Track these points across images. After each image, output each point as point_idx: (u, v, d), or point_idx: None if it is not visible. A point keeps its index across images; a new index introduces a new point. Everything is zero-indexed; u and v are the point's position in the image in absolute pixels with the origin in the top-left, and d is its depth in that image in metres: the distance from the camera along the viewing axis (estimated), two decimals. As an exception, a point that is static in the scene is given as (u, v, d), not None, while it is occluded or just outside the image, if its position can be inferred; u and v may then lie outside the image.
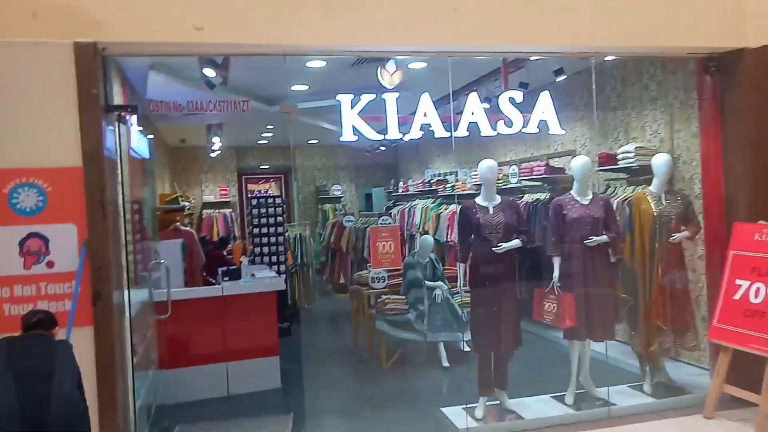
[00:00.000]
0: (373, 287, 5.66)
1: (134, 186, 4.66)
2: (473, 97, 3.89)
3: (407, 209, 9.31)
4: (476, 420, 3.78)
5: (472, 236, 3.92)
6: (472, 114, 3.86)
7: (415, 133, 3.81)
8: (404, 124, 3.80)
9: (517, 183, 6.78)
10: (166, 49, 3.65)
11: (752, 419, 3.59)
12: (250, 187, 12.09)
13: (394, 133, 3.81)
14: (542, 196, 6.26)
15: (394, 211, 9.52)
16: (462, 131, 3.89)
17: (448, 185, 8.63)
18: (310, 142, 11.13)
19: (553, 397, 4.11)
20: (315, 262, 9.09)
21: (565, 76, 5.22)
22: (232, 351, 4.60)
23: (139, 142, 4.69)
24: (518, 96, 3.94)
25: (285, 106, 4.80)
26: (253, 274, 5.21)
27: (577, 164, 4.12)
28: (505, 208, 3.90)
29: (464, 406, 3.90)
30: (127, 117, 3.73)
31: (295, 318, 7.28)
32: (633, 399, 4.08)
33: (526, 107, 3.99)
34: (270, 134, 10.22)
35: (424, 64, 5.23)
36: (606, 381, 4.41)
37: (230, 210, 10.75)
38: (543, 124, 4.01)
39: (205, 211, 10.57)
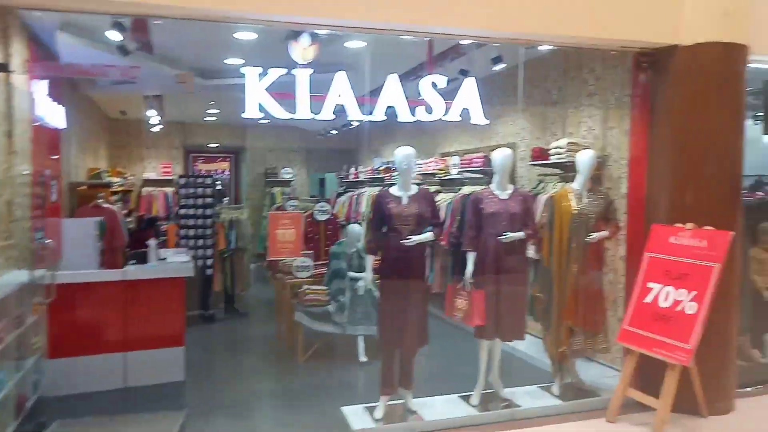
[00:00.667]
0: (296, 276, 5.45)
1: (40, 157, 4.32)
2: (392, 80, 3.66)
3: (355, 197, 9.10)
4: (375, 420, 3.60)
5: (384, 227, 3.72)
6: (392, 97, 3.63)
7: (328, 114, 3.56)
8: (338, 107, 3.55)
9: (457, 174, 6.64)
10: (72, 4, 3.28)
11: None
12: (203, 166, 11.66)
13: (304, 113, 3.55)
14: (480, 188, 6.10)
15: (343, 198, 9.29)
16: (379, 115, 3.66)
17: (394, 174, 8.45)
18: (261, 121, 10.75)
19: (460, 396, 3.97)
20: (259, 247, 8.81)
21: (503, 65, 5.04)
22: (132, 340, 4.30)
23: (50, 110, 4.32)
24: (441, 81, 3.72)
25: (182, 75, 4.49)
26: (164, 258, 4.90)
27: (498, 157, 3.94)
28: (420, 199, 3.70)
29: (366, 405, 3.73)
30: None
31: (229, 305, 7.02)
32: (540, 400, 3.97)
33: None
34: (217, 110, 9.82)
35: (363, 43, 5.00)
36: (522, 380, 4.33)
37: (173, 189, 10.33)
38: (465, 113, 3.81)
39: (145, 189, 10.12)
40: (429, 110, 3.72)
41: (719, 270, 3.50)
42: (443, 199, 6.15)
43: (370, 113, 3.66)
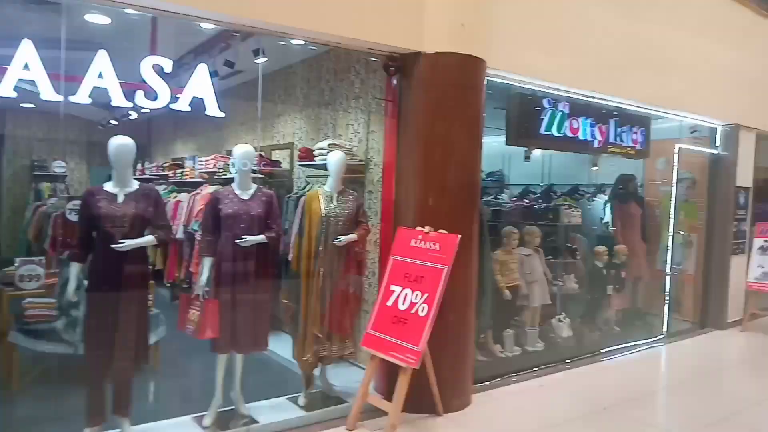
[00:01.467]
0: (21, 287, 4.54)
1: None
2: (101, 56, 3.13)
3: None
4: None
5: (95, 230, 3.17)
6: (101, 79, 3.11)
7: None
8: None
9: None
10: None
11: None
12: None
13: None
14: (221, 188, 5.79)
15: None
16: (83, 98, 3.11)
17: (179, 171, 7.77)
18: (23, 105, 9.16)
19: (194, 418, 3.57)
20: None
21: (265, 59, 4.77)
22: None
23: None
24: (167, 64, 3.28)
25: None
26: None
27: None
28: (139, 198, 3.23)
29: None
30: None
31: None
32: (284, 413, 3.76)
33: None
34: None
35: (107, 19, 4.34)
36: (280, 390, 4.09)
37: None
38: (198, 103, 3.43)
39: None
40: (153, 96, 3.28)
41: (448, 272, 3.61)
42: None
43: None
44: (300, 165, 5.17)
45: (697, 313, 7.00)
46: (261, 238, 3.56)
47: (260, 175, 5.98)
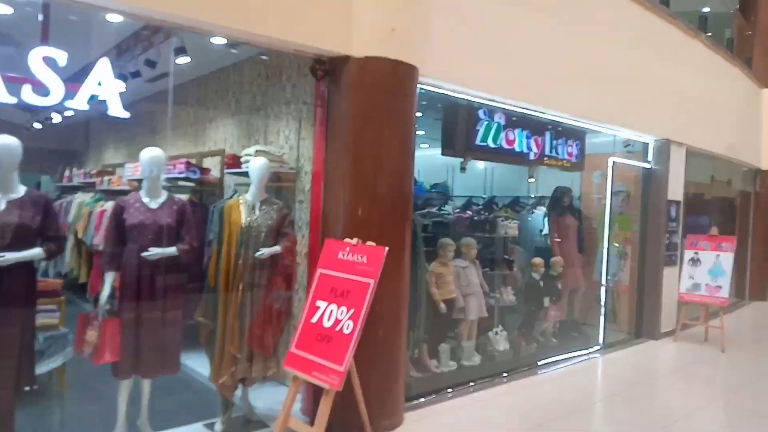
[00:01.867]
0: None
1: None
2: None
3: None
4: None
5: None
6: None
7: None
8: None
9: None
10: None
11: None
12: None
13: None
14: (183, 197, 5.44)
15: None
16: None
17: (106, 178, 7.31)
18: (-68, 105, 8.41)
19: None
20: None
21: (188, 59, 4.50)
22: None
23: None
24: (61, 57, 2.97)
25: None
26: None
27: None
28: (25, 206, 2.88)
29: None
30: None
31: None
32: (196, 442, 3.45)
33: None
34: None
35: (10, 9, 3.97)
36: (195, 416, 3.77)
37: None
38: (97, 102, 3.11)
39: None
40: (44, 92, 2.95)
41: (374, 286, 3.41)
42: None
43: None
44: (228, 173, 4.88)
45: (633, 324, 7.10)
46: (171, 250, 3.27)
47: (190, 183, 5.69)
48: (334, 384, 3.24)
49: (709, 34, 8.39)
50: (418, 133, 8.65)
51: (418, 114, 6.80)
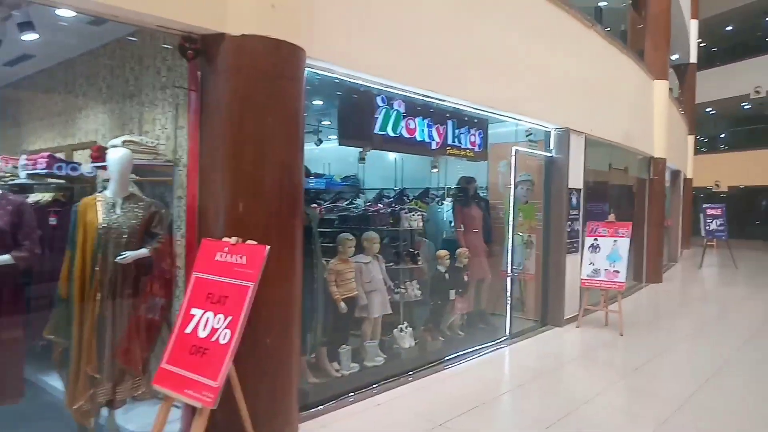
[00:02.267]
0: None
1: None
2: None
3: None
4: None
5: None
6: None
7: None
8: None
9: (25, 178, 5.15)
10: None
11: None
12: None
13: None
14: (47, 196, 4.78)
15: None
16: None
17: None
18: None
19: None
20: None
21: (36, 35, 3.90)
22: None
23: None
24: None
25: None
26: None
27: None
28: None
29: None
30: None
31: None
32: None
33: None
34: None
35: None
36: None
37: None
38: None
39: None
40: None
41: (254, 289, 3.07)
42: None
43: None
44: (93, 166, 4.32)
45: (539, 312, 7.21)
46: (4, 258, 2.75)
47: (59, 180, 5.02)
48: (207, 402, 2.87)
49: (608, 29, 8.69)
50: (325, 123, 8.31)
51: (319, 102, 6.52)
